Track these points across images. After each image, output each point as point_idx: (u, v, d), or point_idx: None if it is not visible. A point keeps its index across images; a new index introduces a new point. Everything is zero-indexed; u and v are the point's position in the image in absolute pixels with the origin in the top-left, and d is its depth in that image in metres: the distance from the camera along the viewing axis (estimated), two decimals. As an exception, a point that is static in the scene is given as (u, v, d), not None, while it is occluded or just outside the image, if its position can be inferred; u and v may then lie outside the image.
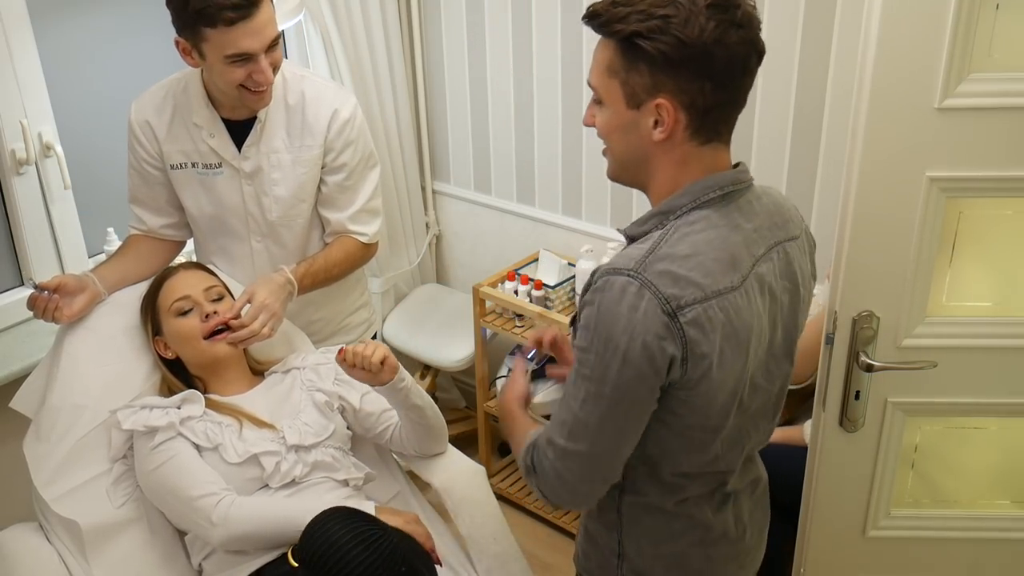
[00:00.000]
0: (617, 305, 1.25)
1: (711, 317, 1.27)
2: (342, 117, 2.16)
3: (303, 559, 1.66)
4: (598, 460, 1.34)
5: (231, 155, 2.15)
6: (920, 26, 1.59)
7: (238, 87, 2.00)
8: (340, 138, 2.17)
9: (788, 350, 1.45)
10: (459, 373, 3.32)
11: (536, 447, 1.39)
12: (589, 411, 1.30)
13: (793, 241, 1.42)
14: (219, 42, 1.92)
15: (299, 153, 2.17)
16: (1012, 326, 1.82)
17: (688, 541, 1.49)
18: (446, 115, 3.19)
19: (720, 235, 1.30)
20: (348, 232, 2.26)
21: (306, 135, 2.16)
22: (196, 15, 1.89)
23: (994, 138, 1.65)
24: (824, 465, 1.97)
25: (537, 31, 2.82)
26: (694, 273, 1.26)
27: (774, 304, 1.38)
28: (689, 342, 1.26)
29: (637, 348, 1.24)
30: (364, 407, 2.13)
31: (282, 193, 2.18)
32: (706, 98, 1.25)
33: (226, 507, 1.85)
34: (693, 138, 1.29)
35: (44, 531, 2.01)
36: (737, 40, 1.22)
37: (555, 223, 3.04)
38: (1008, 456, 2.02)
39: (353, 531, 1.64)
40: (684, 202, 1.31)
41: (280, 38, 2.01)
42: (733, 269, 1.30)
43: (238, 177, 2.17)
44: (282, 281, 2.11)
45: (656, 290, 1.24)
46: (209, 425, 1.96)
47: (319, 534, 1.65)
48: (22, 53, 2.42)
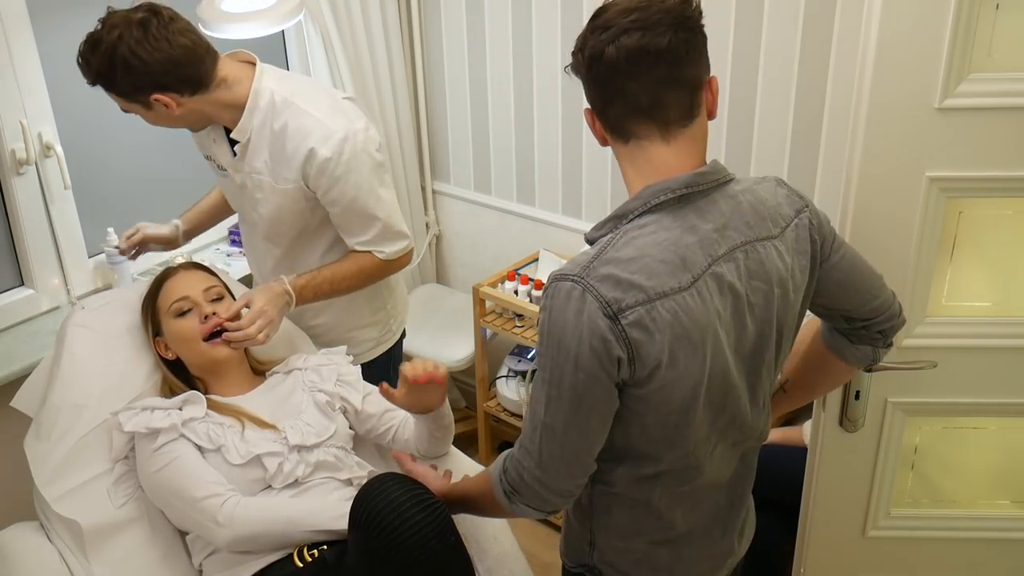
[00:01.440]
0: (564, 311, 1.31)
1: (655, 318, 1.30)
2: (321, 157, 2.02)
3: (357, 519, 1.66)
4: (571, 458, 1.39)
5: (228, 162, 2.15)
6: (920, 26, 1.59)
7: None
8: (323, 177, 2.06)
9: (762, 347, 1.45)
10: (459, 373, 3.33)
11: (506, 471, 1.44)
12: (553, 415, 1.35)
13: (766, 240, 1.41)
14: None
15: (275, 179, 2.11)
16: (1012, 326, 1.83)
17: (656, 538, 1.51)
18: (446, 115, 3.19)
19: (671, 237, 1.33)
20: (368, 251, 2.20)
21: (283, 167, 2.09)
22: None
23: (994, 138, 1.65)
24: (824, 465, 1.98)
25: (537, 31, 2.82)
26: (637, 276, 1.30)
27: (739, 303, 1.38)
28: (632, 342, 1.29)
29: (586, 351, 1.30)
30: (366, 408, 2.13)
31: (264, 212, 2.17)
32: (595, 100, 1.37)
33: (231, 508, 1.85)
34: (615, 139, 1.39)
35: (45, 530, 2.01)
36: (594, 43, 1.33)
37: (555, 223, 3.04)
38: (1008, 456, 2.02)
39: (411, 492, 1.64)
40: (635, 206, 1.36)
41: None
42: (683, 270, 1.32)
43: (235, 184, 2.18)
44: (280, 291, 2.11)
45: (597, 294, 1.29)
46: (211, 426, 1.96)
47: (377, 493, 1.64)
48: (22, 53, 2.42)
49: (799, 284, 1.47)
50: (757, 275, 1.40)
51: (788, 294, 1.44)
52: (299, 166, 2.06)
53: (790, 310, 1.46)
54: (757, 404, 1.50)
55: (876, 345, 1.63)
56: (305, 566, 1.82)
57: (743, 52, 2.46)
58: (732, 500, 1.58)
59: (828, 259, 1.50)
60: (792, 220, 1.45)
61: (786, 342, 1.49)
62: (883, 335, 1.62)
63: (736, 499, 1.59)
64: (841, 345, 1.64)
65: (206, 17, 2.50)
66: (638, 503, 1.48)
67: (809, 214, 1.47)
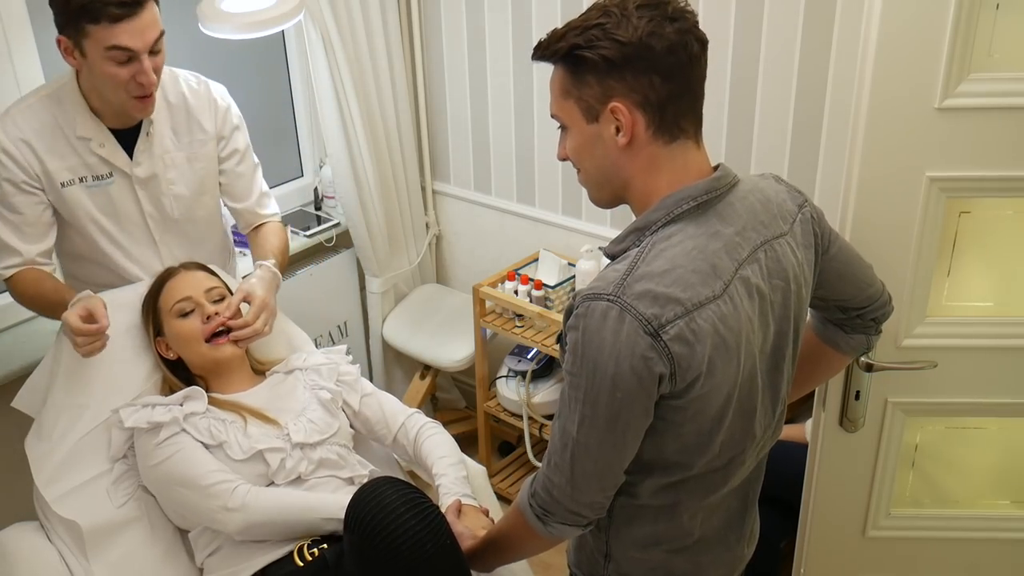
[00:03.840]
0: (600, 331, 1.26)
1: (695, 329, 1.27)
2: (223, 105, 2.22)
3: (351, 523, 1.66)
4: (604, 473, 1.36)
5: (123, 162, 2.11)
6: (920, 26, 1.59)
7: (123, 92, 1.97)
8: (227, 125, 2.22)
9: (782, 345, 1.45)
10: (459, 373, 3.33)
11: (535, 493, 1.41)
12: (587, 433, 1.32)
13: (781, 238, 1.41)
14: (101, 37, 1.89)
15: (191, 149, 2.19)
16: (1012, 326, 1.82)
17: (675, 546, 1.49)
18: (446, 115, 3.19)
19: (698, 245, 1.31)
20: (261, 217, 2.33)
21: (195, 130, 2.18)
22: (80, 11, 1.87)
23: (994, 138, 1.65)
24: (824, 465, 1.98)
25: (537, 31, 2.81)
26: (673, 288, 1.27)
27: (764, 304, 1.38)
28: (676, 357, 1.27)
29: (625, 371, 1.26)
30: (363, 411, 2.14)
31: (181, 191, 2.20)
32: (657, 92, 1.27)
33: (243, 494, 1.85)
34: (657, 137, 1.30)
35: (45, 530, 2.01)
36: (673, 31, 1.25)
37: (555, 223, 3.04)
38: (1008, 456, 2.02)
39: (404, 496, 1.64)
40: (658, 216, 1.32)
41: (162, 40, 1.97)
42: (714, 277, 1.30)
43: (130, 183, 2.14)
44: (270, 276, 2.14)
45: (636, 312, 1.25)
46: (213, 422, 1.96)
47: (371, 497, 1.65)
48: (22, 53, 2.42)
49: (808, 278, 1.47)
50: (776, 273, 1.39)
51: (801, 289, 1.45)
52: (211, 120, 2.18)
53: (803, 305, 1.47)
54: (777, 403, 1.49)
55: (869, 333, 1.65)
56: (305, 565, 1.83)
57: (743, 52, 2.46)
58: (745, 504, 1.57)
59: (827, 251, 1.51)
60: (796, 215, 1.45)
61: (799, 337, 1.50)
62: (876, 322, 1.64)
63: (749, 503, 1.58)
64: (836, 336, 1.65)
65: (206, 17, 2.51)
66: (661, 512, 1.46)
67: (810, 208, 1.48)
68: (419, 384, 3.23)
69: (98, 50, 1.91)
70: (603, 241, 2.81)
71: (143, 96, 1.99)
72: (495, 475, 3.18)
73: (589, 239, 2.90)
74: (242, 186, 2.30)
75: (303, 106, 3.23)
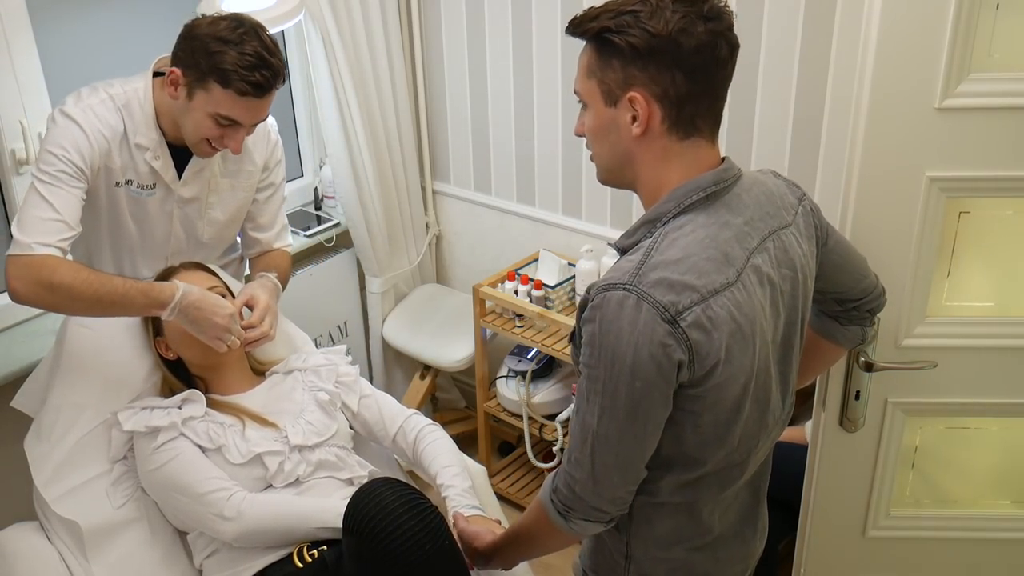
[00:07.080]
0: (617, 320, 1.26)
1: (711, 316, 1.28)
2: (274, 139, 2.24)
3: (350, 525, 1.66)
4: (625, 466, 1.36)
5: (171, 178, 2.10)
6: (920, 26, 1.59)
7: (204, 140, 1.98)
8: (273, 159, 2.24)
9: (791, 334, 1.46)
10: (459, 373, 3.32)
11: (556, 489, 1.41)
12: (607, 425, 1.32)
13: (787, 228, 1.42)
14: (220, 100, 1.90)
15: (237, 178, 2.18)
16: (1012, 326, 1.82)
17: (695, 544, 1.49)
18: (446, 115, 3.19)
19: (710, 234, 1.31)
20: (274, 248, 2.33)
21: (246, 161, 2.17)
22: (215, 69, 1.88)
23: (994, 138, 1.65)
24: (824, 465, 1.98)
25: (537, 31, 2.82)
26: (688, 276, 1.27)
27: (775, 293, 1.39)
28: (694, 344, 1.27)
29: (644, 359, 1.26)
30: (361, 412, 2.14)
31: (218, 216, 2.20)
32: (678, 89, 1.27)
33: (239, 502, 1.85)
34: (671, 132, 1.31)
35: (44, 530, 2.01)
36: (704, 31, 1.26)
37: (555, 223, 3.04)
38: (1008, 456, 2.02)
39: (402, 497, 1.64)
40: (669, 208, 1.33)
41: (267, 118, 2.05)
42: (727, 265, 1.31)
43: (171, 200, 2.13)
44: (271, 286, 2.15)
45: (653, 300, 1.25)
46: (211, 425, 1.96)
47: (369, 499, 1.65)
48: (22, 53, 2.42)
49: (812, 269, 1.49)
50: (784, 263, 1.40)
51: (807, 279, 1.46)
52: (263, 152, 2.19)
53: (809, 295, 1.48)
54: (787, 394, 1.50)
55: (864, 324, 1.67)
56: (305, 566, 1.83)
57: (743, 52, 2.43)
58: (757, 497, 1.58)
59: (826, 243, 1.52)
60: (797, 207, 1.47)
61: (805, 327, 1.50)
62: (871, 313, 1.66)
63: (759, 496, 1.59)
64: (832, 328, 1.67)
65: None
66: (680, 510, 1.46)
67: (808, 201, 1.50)
68: (419, 384, 3.23)
69: (209, 107, 1.92)
70: (603, 241, 2.81)
71: (218, 149, 2.03)
72: (495, 475, 3.18)
73: (589, 239, 2.90)
74: (268, 217, 2.30)
75: (303, 106, 3.23)
